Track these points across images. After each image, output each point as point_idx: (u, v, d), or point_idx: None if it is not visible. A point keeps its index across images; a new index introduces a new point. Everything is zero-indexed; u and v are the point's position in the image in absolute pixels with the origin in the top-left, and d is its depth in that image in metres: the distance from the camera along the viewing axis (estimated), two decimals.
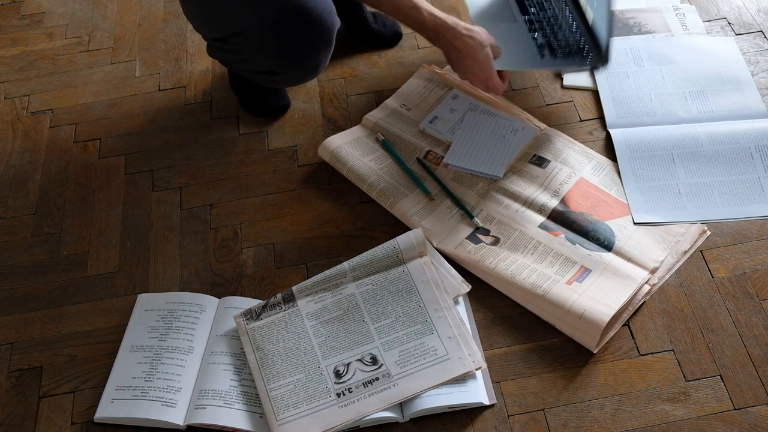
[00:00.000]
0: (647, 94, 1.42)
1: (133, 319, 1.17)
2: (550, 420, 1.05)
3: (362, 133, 1.40)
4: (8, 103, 1.55)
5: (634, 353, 1.10)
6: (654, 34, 1.53)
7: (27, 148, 1.46)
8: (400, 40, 1.57)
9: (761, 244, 1.21)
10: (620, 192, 1.28)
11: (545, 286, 1.13)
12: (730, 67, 1.44)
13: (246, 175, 1.38)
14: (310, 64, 1.27)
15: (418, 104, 1.43)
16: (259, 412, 1.06)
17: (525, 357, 1.11)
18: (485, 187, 1.29)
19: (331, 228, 1.29)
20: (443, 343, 1.08)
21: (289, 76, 1.31)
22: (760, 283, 1.16)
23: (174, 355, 1.11)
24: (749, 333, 1.11)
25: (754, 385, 1.06)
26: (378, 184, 1.30)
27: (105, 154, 1.44)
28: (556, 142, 1.34)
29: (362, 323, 1.11)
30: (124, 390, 1.08)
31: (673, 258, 1.19)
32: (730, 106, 1.38)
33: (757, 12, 1.56)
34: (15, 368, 1.15)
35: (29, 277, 1.26)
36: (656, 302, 1.15)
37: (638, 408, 1.05)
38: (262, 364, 1.09)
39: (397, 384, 1.05)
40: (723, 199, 1.25)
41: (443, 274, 1.16)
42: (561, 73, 1.48)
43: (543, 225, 1.23)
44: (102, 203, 1.36)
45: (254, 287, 1.22)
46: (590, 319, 1.08)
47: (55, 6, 1.74)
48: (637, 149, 1.33)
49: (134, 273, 1.26)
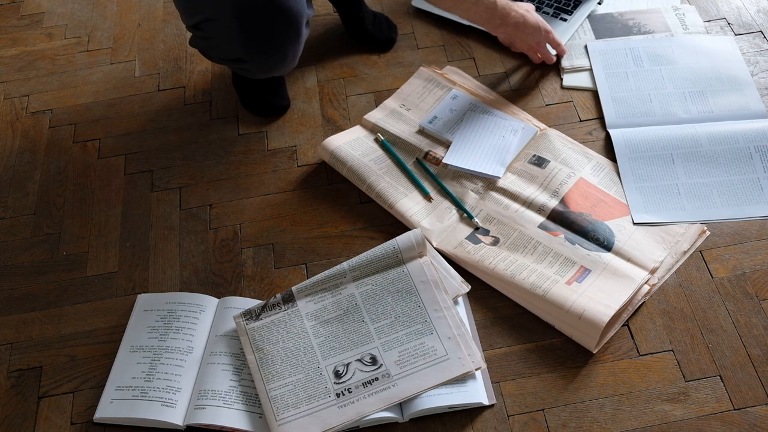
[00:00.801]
0: (647, 94, 1.42)
1: (133, 320, 1.17)
2: (550, 420, 1.05)
3: (362, 134, 1.40)
4: (8, 103, 1.55)
5: (633, 353, 1.10)
6: (654, 34, 1.53)
7: (26, 148, 1.46)
8: (393, 45, 1.57)
9: (761, 244, 1.21)
10: (620, 192, 1.28)
11: (545, 286, 1.13)
12: (730, 68, 1.44)
13: (245, 175, 1.38)
14: (278, 53, 1.26)
15: (417, 104, 1.43)
16: (259, 412, 1.06)
17: (524, 357, 1.11)
18: (485, 187, 1.30)
19: (331, 228, 1.29)
20: (443, 343, 1.08)
21: (257, 64, 1.30)
22: (759, 284, 1.16)
23: (174, 356, 1.11)
24: (749, 333, 1.11)
25: (753, 385, 1.06)
26: (377, 184, 1.30)
27: (104, 155, 1.44)
28: (555, 142, 1.34)
29: (362, 323, 1.11)
30: (123, 390, 1.08)
31: (673, 258, 1.19)
32: (730, 107, 1.38)
33: (756, 12, 1.56)
34: (14, 368, 1.15)
35: (29, 278, 1.26)
36: (656, 302, 1.15)
37: (638, 408, 1.05)
38: (261, 365, 1.09)
39: (397, 384, 1.05)
40: (722, 200, 1.25)
41: (443, 275, 1.16)
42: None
43: (542, 225, 1.23)
44: (101, 203, 1.36)
45: (254, 287, 1.22)
46: (590, 319, 1.08)
47: (55, 6, 1.74)
48: (637, 149, 1.33)
49: (134, 273, 1.26)
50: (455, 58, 1.54)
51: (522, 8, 1.39)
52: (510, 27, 1.40)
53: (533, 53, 1.47)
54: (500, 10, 1.37)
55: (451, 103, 1.42)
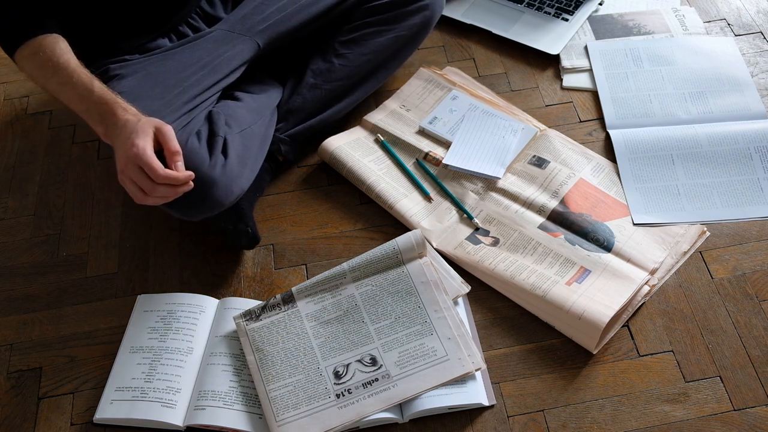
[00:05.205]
0: (647, 95, 1.42)
1: (133, 320, 1.17)
2: (550, 421, 1.05)
3: (362, 134, 1.40)
4: (8, 104, 1.55)
5: (633, 354, 1.10)
6: (654, 35, 1.53)
7: (26, 148, 1.46)
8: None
9: (761, 245, 1.21)
10: (620, 193, 1.28)
11: (545, 287, 1.13)
12: (730, 68, 1.45)
13: None
14: (195, 216, 1.16)
15: (417, 105, 1.43)
16: (259, 413, 1.06)
17: (524, 358, 1.11)
18: (485, 187, 1.30)
19: (331, 229, 1.29)
20: (443, 343, 1.08)
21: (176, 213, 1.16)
22: (759, 284, 1.16)
23: (173, 356, 1.11)
24: (749, 334, 1.11)
25: (753, 386, 1.06)
26: (377, 184, 1.30)
27: (104, 155, 1.43)
28: (555, 142, 1.34)
29: (362, 324, 1.11)
30: (123, 391, 1.08)
31: (673, 259, 1.19)
32: (730, 107, 1.38)
33: (756, 13, 1.56)
34: (14, 369, 1.15)
35: (29, 278, 1.26)
36: (656, 303, 1.15)
37: (638, 409, 1.05)
38: (261, 365, 1.08)
39: (397, 385, 1.05)
40: (722, 200, 1.25)
41: (443, 275, 1.16)
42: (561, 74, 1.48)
43: (542, 226, 1.23)
44: (101, 204, 1.36)
45: (254, 288, 1.22)
46: (590, 320, 1.08)
47: None
48: (637, 150, 1.33)
49: (134, 274, 1.26)
50: (455, 59, 1.54)
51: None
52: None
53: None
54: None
55: (451, 104, 1.42)
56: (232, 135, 1.17)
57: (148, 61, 1.22)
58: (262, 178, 1.30)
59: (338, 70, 1.33)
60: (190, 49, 1.24)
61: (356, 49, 1.34)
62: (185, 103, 1.17)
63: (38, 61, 1.09)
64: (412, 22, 1.36)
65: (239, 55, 1.25)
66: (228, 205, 1.15)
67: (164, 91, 1.17)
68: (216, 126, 1.17)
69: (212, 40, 1.25)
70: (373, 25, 1.34)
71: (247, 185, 1.18)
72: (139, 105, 1.10)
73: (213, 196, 1.12)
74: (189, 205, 1.12)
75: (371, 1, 1.35)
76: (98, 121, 1.08)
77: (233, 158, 1.15)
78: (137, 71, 1.20)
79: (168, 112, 1.14)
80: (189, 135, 1.14)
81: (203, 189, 1.10)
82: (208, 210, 1.14)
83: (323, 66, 1.33)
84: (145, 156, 1.00)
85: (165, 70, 1.20)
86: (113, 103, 1.07)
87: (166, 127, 1.05)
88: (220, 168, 1.13)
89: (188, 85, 1.19)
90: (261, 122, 1.25)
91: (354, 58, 1.34)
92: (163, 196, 1.04)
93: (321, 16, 1.32)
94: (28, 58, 1.10)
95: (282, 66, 1.38)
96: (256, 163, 1.22)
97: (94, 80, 1.08)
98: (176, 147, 1.04)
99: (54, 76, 1.09)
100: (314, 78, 1.33)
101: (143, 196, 1.03)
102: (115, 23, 1.21)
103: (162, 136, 1.04)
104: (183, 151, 1.06)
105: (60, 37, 1.11)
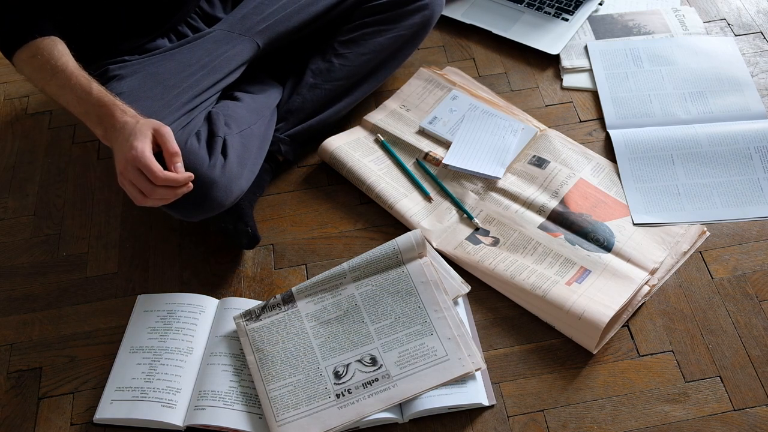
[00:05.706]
0: (647, 95, 1.42)
1: (133, 320, 1.17)
2: (550, 421, 1.05)
3: (362, 134, 1.40)
4: (8, 104, 1.55)
5: (633, 354, 1.10)
6: (654, 35, 1.53)
7: (26, 148, 1.46)
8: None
9: (761, 245, 1.21)
10: (620, 193, 1.28)
11: (545, 287, 1.13)
12: (730, 68, 1.44)
13: None
14: (195, 217, 1.16)
15: (417, 105, 1.43)
16: (259, 413, 1.06)
17: (524, 358, 1.11)
18: (485, 187, 1.30)
19: (331, 229, 1.29)
20: (443, 343, 1.08)
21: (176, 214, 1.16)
22: (759, 284, 1.16)
23: (173, 356, 1.11)
24: (749, 334, 1.11)
25: (753, 386, 1.06)
26: (377, 184, 1.30)
27: (104, 155, 1.43)
28: (555, 142, 1.34)
29: (362, 324, 1.11)
30: (123, 391, 1.08)
31: (673, 259, 1.19)
32: (730, 107, 1.38)
33: (756, 13, 1.56)
34: (14, 369, 1.15)
35: (29, 278, 1.26)
36: (656, 303, 1.15)
37: (638, 409, 1.05)
38: (261, 365, 1.08)
39: (397, 385, 1.05)
40: (722, 200, 1.25)
41: (443, 275, 1.16)
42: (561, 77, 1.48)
43: (542, 226, 1.23)
44: (101, 204, 1.36)
45: (254, 288, 1.22)
46: (590, 320, 1.08)
47: None
48: (637, 150, 1.33)
49: (134, 274, 1.26)
50: (455, 59, 1.54)
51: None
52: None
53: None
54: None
55: (451, 104, 1.42)
56: (231, 135, 1.17)
57: (148, 62, 1.22)
58: (262, 178, 1.30)
59: (338, 70, 1.33)
60: (190, 50, 1.24)
61: (356, 48, 1.34)
62: (185, 103, 1.17)
63: (36, 64, 1.09)
64: (412, 21, 1.36)
65: (239, 56, 1.25)
66: (228, 205, 1.15)
67: (164, 92, 1.17)
68: (215, 126, 1.17)
69: (212, 41, 1.25)
70: (372, 24, 1.34)
71: (247, 185, 1.18)
72: (139, 105, 1.10)
73: (213, 197, 1.12)
74: (189, 205, 1.12)
75: (371, 1, 1.35)
76: (97, 123, 1.08)
77: (233, 159, 1.15)
78: (137, 72, 1.20)
79: (168, 113, 1.15)
80: (188, 135, 1.14)
81: (203, 190, 1.10)
82: (208, 210, 1.14)
83: (323, 66, 1.34)
84: (144, 158, 1.01)
85: (164, 70, 1.20)
86: (112, 105, 1.07)
87: (165, 128, 1.05)
88: (219, 169, 1.13)
89: (188, 86, 1.19)
90: (261, 122, 1.25)
91: (354, 57, 1.34)
92: (162, 198, 1.04)
93: (321, 16, 1.32)
94: (26, 61, 1.10)
95: (282, 66, 1.38)
96: (256, 163, 1.22)
97: (92, 82, 1.08)
98: (175, 148, 1.04)
99: (52, 78, 1.09)
100: (314, 78, 1.33)
101: (143, 198, 1.04)
102: (114, 23, 1.21)
103: (161, 138, 1.05)
104: (182, 152, 1.06)
105: (58, 40, 1.11)
